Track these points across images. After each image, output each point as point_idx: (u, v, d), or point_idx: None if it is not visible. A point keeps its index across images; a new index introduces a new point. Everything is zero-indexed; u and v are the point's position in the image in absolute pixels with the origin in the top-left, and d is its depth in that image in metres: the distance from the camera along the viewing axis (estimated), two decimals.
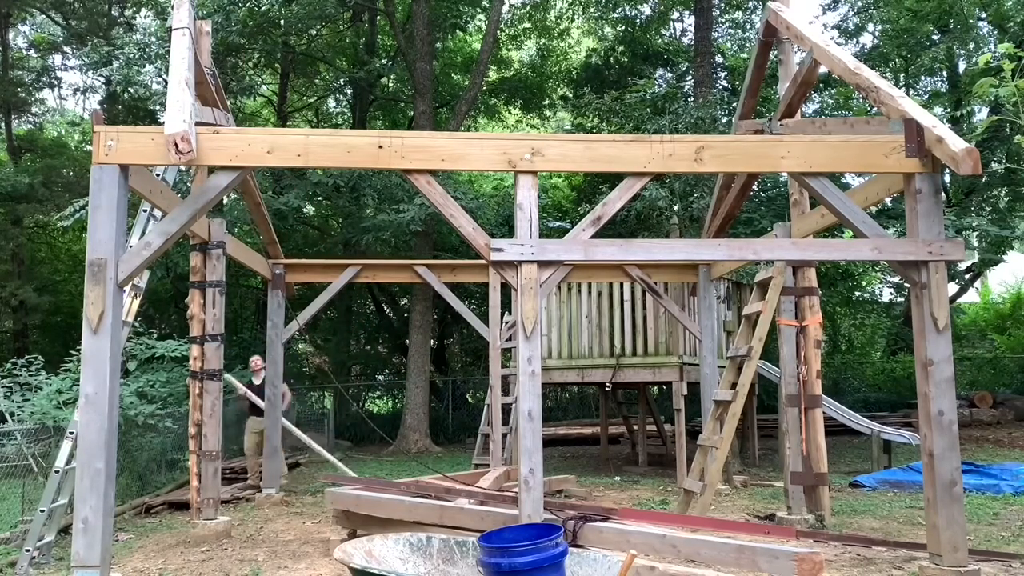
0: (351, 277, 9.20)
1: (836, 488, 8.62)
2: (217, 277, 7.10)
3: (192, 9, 6.02)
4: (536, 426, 4.73)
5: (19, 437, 8.23)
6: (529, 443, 4.70)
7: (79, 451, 4.39)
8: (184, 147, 4.39)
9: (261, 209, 8.47)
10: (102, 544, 4.28)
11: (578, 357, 10.57)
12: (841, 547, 5.75)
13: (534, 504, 4.64)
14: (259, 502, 8.58)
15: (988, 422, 15.20)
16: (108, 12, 18.84)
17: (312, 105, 22.54)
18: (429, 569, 3.71)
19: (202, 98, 6.37)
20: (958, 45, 15.24)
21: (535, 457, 4.70)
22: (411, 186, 10.52)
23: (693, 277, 9.26)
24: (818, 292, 7.06)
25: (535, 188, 4.92)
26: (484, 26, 18.75)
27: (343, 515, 6.23)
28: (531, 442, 4.70)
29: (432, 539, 3.85)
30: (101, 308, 4.41)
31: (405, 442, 15.09)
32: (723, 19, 18.96)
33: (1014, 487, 8.39)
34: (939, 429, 4.72)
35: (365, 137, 4.90)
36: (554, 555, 3.25)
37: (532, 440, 4.71)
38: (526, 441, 4.71)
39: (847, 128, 5.86)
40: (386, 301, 21.58)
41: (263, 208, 8.57)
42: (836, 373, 18.93)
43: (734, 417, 6.75)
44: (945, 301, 4.84)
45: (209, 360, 7.02)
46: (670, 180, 12.29)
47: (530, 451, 4.70)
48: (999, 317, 21.37)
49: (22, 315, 18.05)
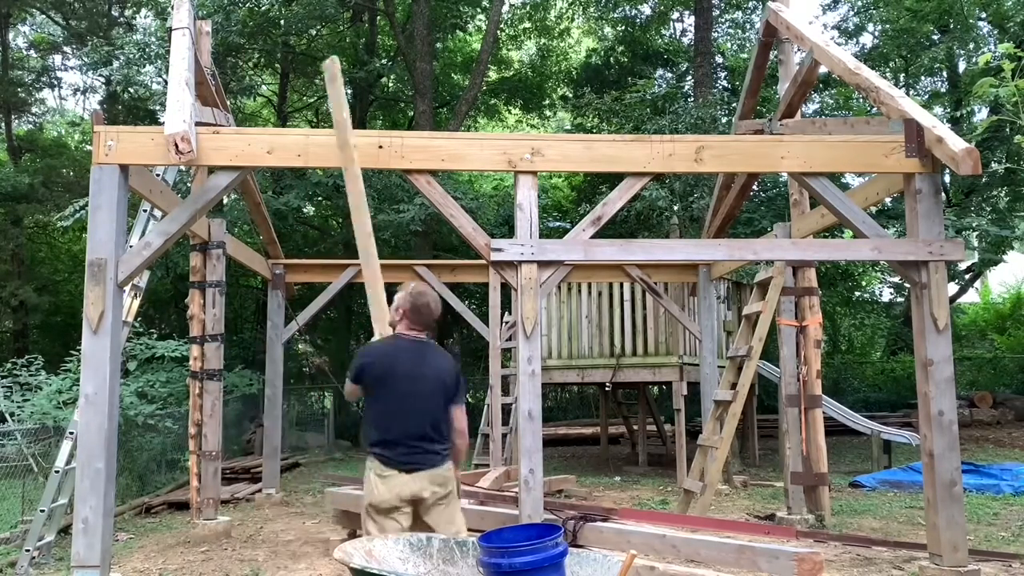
0: (351, 277, 9.20)
1: (836, 488, 8.62)
2: (217, 277, 7.10)
3: (192, 9, 6.02)
4: (536, 426, 4.73)
5: (19, 437, 8.23)
6: (529, 443, 4.70)
7: (79, 451, 4.39)
8: (184, 147, 4.39)
9: (261, 209, 8.48)
10: (102, 544, 4.28)
11: (578, 357, 10.57)
12: (841, 547, 5.75)
13: (534, 504, 4.64)
14: (259, 502, 8.58)
15: (988, 422, 15.19)
16: (108, 12, 18.83)
17: (312, 105, 22.52)
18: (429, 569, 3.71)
19: (202, 98, 6.37)
20: (958, 45, 15.24)
21: (535, 457, 4.70)
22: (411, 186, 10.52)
23: (693, 277, 9.26)
24: (818, 292, 7.06)
25: (535, 188, 4.92)
26: (484, 26, 18.75)
27: (343, 515, 6.23)
28: (531, 442, 4.70)
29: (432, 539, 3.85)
30: (101, 308, 4.41)
31: None
32: (723, 19, 18.96)
33: (1014, 487, 8.39)
34: (939, 429, 4.72)
35: (365, 137, 4.90)
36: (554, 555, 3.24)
37: (532, 440, 4.71)
38: (526, 441, 4.71)
39: (847, 128, 5.86)
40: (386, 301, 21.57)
41: (263, 208, 8.57)
42: (836, 373, 18.92)
43: (734, 417, 6.75)
44: (945, 301, 4.84)
45: (209, 360, 7.02)
46: (670, 180, 12.29)
47: (530, 451, 4.70)
48: (999, 317, 21.37)
49: (22, 315, 18.04)
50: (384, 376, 3.65)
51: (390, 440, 3.61)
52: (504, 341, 10.01)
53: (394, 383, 3.64)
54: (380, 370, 3.67)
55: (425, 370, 3.70)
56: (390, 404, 3.63)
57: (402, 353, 3.72)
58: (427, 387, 3.68)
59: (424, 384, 3.67)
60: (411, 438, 3.61)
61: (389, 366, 3.67)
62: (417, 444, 3.62)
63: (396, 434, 3.61)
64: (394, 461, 3.58)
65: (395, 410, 3.63)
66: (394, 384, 3.63)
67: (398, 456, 3.59)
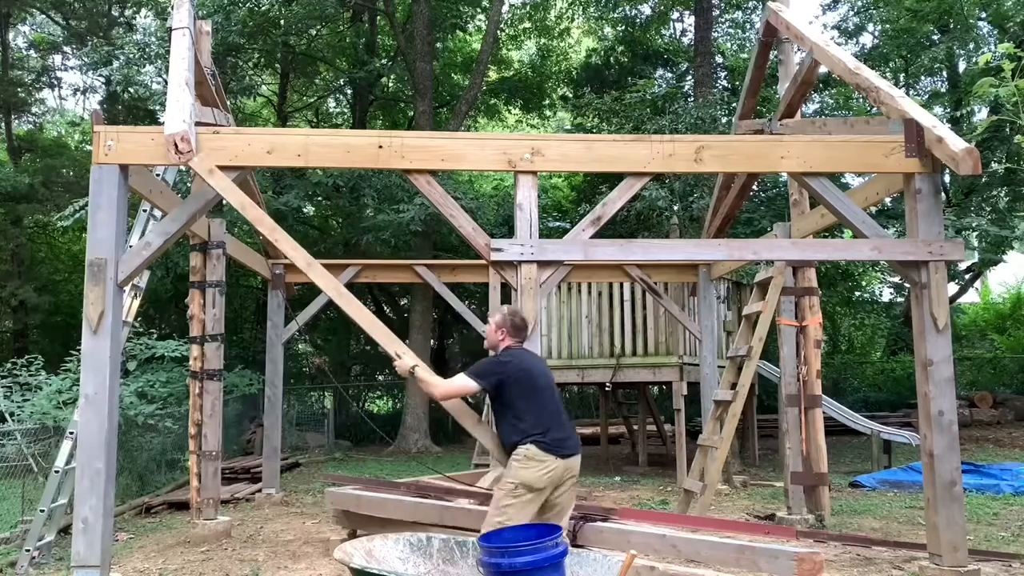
0: (351, 277, 9.20)
1: (836, 488, 8.62)
2: (217, 277, 7.10)
3: (192, 9, 6.02)
4: None
5: (19, 437, 8.23)
6: None
7: (79, 451, 4.39)
8: (184, 147, 4.39)
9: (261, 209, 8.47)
10: (102, 544, 4.28)
11: (578, 357, 10.57)
12: (841, 547, 5.75)
13: None
14: (259, 502, 8.58)
15: (988, 422, 15.20)
16: (108, 12, 18.83)
17: (312, 105, 22.52)
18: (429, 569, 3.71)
19: (202, 98, 6.37)
20: (958, 45, 15.23)
21: None
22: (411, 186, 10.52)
23: (693, 277, 9.26)
24: (818, 292, 7.06)
25: (535, 188, 4.92)
26: (484, 26, 18.75)
27: (343, 515, 6.23)
28: None
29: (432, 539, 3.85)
30: (101, 308, 4.41)
31: (405, 442, 15.10)
32: (723, 19, 18.96)
33: (1014, 487, 8.39)
34: (939, 429, 4.72)
35: (365, 137, 4.90)
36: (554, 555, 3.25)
37: None
38: None
39: (847, 128, 5.86)
40: (386, 301, 21.57)
41: (263, 208, 8.57)
42: (836, 373, 18.92)
43: (734, 417, 6.75)
44: (945, 301, 4.84)
45: (209, 360, 7.01)
46: (670, 180, 12.29)
47: None
48: (999, 317, 21.37)
49: (22, 315, 18.04)
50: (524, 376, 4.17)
51: (546, 430, 4.07)
52: None
53: (534, 381, 4.18)
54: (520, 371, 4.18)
55: (545, 370, 4.37)
56: (537, 399, 4.14)
57: (528, 358, 4.34)
58: (553, 385, 4.33)
59: (550, 381, 4.31)
60: (562, 428, 4.15)
61: (527, 367, 4.22)
62: (568, 433, 4.19)
63: (549, 424, 4.10)
64: (552, 448, 4.04)
65: (543, 404, 4.14)
66: (534, 382, 4.18)
67: (556, 444, 4.06)
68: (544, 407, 4.14)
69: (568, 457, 4.09)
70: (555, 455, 4.03)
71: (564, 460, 4.06)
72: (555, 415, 4.17)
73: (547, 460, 4.01)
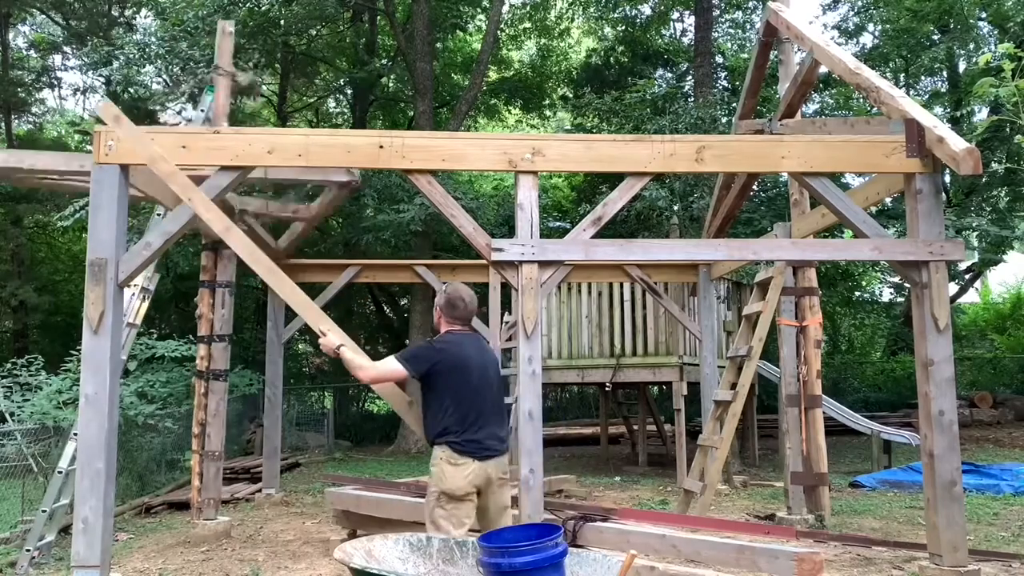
0: (351, 277, 9.20)
1: (836, 488, 8.62)
2: (228, 277, 7.08)
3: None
4: (536, 426, 4.73)
5: (19, 437, 8.22)
6: (529, 443, 4.70)
7: (79, 451, 4.39)
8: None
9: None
10: (102, 544, 4.28)
11: (578, 357, 10.57)
12: (841, 547, 5.75)
13: (534, 504, 4.64)
14: (259, 502, 8.58)
15: (988, 422, 15.20)
16: (108, 12, 18.83)
17: (312, 105, 22.52)
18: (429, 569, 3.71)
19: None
20: (958, 45, 15.24)
21: (535, 457, 4.70)
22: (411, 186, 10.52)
23: (693, 277, 9.26)
24: (818, 292, 7.06)
25: (536, 188, 4.92)
26: (484, 26, 18.74)
27: (343, 515, 6.23)
28: (531, 442, 4.70)
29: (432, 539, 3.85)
30: (101, 308, 4.41)
31: (405, 442, 15.09)
32: (723, 19, 18.96)
33: (1014, 487, 8.39)
34: (939, 429, 4.71)
35: (365, 137, 4.89)
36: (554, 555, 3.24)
37: (532, 440, 4.71)
38: (526, 441, 4.71)
39: (847, 128, 5.86)
40: (386, 301, 21.57)
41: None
42: (836, 373, 18.92)
43: (734, 417, 6.75)
44: (945, 301, 4.83)
45: (216, 360, 7.00)
46: (670, 180, 12.29)
47: (530, 451, 4.70)
48: (999, 317, 21.37)
49: (22, 315, 18.04)
50: (456, 367, 3.83)
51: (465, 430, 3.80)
52: (504, 341, 10.00)
53: (468, 375, 3.85)
54: (453, 361, 3.84)
55: (487, 362, 4.02)
56: (465, 395, 3.84)
57: (467, 346, 3.93)
58: (493, 379, 4.01)
59: (489, 376, 3.99)
60: (485, 427, 3.86)
61: (463, 357, 3.87)
62: (491, 433, 3.88)
63: (471, 424, 3.81)
64: (468, 450, 3.78)
65: (471, 401, 3.84)
66: (467, 376, 3.84)
67: (472, 445, 3.79)
68: (472, 405, 3.84)
69: (487, 459, 3.85)
70: (472, 457, 3.80)
71: (482, 463, 3.82)
72: (483, 414, 3.87)
73: (462, 462, 3.79)
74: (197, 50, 13.16)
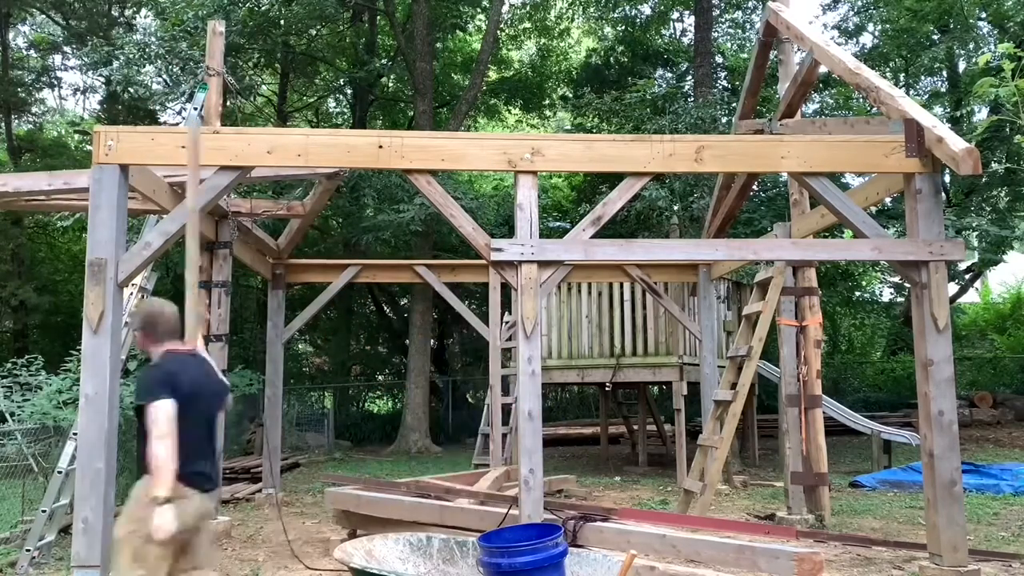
0: (351, 277, 9.20)
1: (836, 488, 8.62)
2: (223, 277, 7.09)
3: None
4: (536, 426, 4.73)
5: (19, 437, 8.22)
6: (529, 443, 4.70)
7: (79, 451, 4.39)
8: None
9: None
10: (102, 544, 4.29)
11: (578, 357, 10.57)
12: (841, 547, 5.75)
13: (534, 504, 4.64)
14: (259, 502, 8.58)
15: (988, 422, 15.19)
16: (108, 12, 18.83)
17: (312, 105, 22.52)
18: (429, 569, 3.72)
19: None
20: (958, 45, 15.23)
21: (535, 457, 4.70)
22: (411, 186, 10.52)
23: (693, 277, 9.26)
24: (818, 292, 7.06)
25: (535, 188, 4.92)
26: (484, 26, 18.75)
27: (343, 515, 6.23)
28: (531, 442, 4.70)
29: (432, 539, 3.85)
30: (101, 308, 4.42)
31: (405, 442, 15.09)
32: (723, 19, 18.97)
33: (1014, 487, 8.39)
34: (939, 429, 4.72)
35: (365, 137, 4.90)
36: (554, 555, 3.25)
37: (532, 440, 4.71)
38: (526, 441, 4.71)
39: (847, 128, 5.86)
40: (386, 301, 21.57)
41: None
42: (836, 373, 18.93)
43: (734, 417, 6.75)
44: (945, 301, 4.84)
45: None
46: (670, 180, 12.29)
47: (530, 451, 4.70)
48: (999, 317, 21.37)
49: (22, 315, 18.03)
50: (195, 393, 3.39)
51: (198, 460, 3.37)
52: (504, 341, 10.01)
53: (200, 401, 3.42)
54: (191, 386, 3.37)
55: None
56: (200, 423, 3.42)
57: (195, 368, 3.47)
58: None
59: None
60: (211, 457, 3.49)
61: (198, 382, 3.44)
62: (214, 463, 3.51)
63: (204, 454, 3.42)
64: (196, 481, 3.33)
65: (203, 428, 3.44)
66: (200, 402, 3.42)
67: (200, 477, 3.36)
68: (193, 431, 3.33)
69: (210, 491, 3.44)
70: (199, 489, 3.35)
71: (206, 495, 3.41)
72: (213, 441, 3.48)
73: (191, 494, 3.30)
74: (197, 50, 13.16)
